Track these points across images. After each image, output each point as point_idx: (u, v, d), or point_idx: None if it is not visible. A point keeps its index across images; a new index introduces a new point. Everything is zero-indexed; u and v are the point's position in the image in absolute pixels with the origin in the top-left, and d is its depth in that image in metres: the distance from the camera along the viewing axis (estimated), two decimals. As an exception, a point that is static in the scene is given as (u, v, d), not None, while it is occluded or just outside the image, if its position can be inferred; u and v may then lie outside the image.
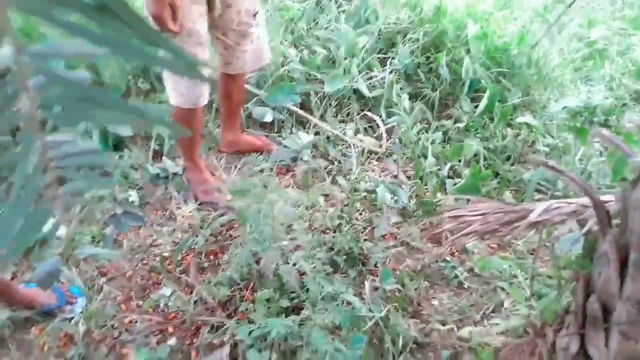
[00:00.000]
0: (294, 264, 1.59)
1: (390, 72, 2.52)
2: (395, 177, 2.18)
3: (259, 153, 2.27)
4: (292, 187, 2.13)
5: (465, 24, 2.63)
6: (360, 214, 1.97)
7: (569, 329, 0.82)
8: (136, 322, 1.61)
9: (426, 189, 2.06)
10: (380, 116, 2.46)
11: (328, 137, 2.36)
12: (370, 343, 1.42)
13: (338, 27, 2.65)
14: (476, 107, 2.45)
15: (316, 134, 2.37)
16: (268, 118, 2.45)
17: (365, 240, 1.81)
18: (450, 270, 1.74)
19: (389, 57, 2.61)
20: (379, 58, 2.63)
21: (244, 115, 2.42)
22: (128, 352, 1.50)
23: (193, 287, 1.71)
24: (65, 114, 0.40)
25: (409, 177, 2.18)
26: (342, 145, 2.35)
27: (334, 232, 1.82)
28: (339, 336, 1.38)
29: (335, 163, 2.24)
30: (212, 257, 1.85)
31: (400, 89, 2.53)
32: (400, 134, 2.35)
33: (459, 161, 2.22)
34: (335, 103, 2.48)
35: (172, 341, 1.53)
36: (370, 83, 2.52)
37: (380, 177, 2.16)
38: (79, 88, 0.38)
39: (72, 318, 1.60)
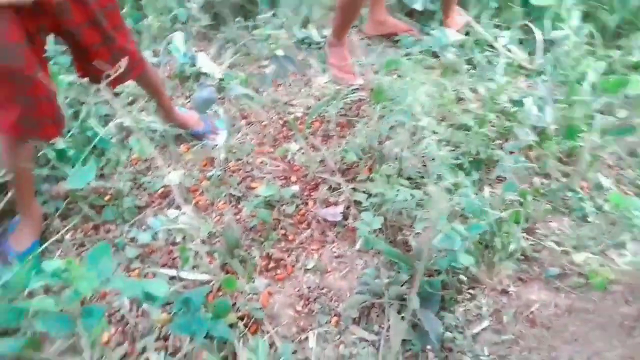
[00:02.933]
0: (421, 149, 1.62)
1: (569, -18, 2.24)
2: (541, 98, 2.04)
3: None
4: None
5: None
6: (493, 125, 1.91)
7: None
8: (266, 164, 1.77)
9: (573, 117, 1.92)
10: (542, 30, 2.24)
11: (477, 40, 2.23)
12: (479, 242, 1.45)
13: None
14: (657, 43, 2.14)
15: (466, 33, 2.24)
16: (418, 6, 2.34)
17: (494, 149, 1.77)
18: (576, 201, 1.67)
19: (572, -35, 2.31)
20: (559, -36, 2.33)
21: (394, -2, 2.35)
22: (257, 186, 1.67)
23: (319, 150, 1.82)
24: None
25: (555, 102, 2.03)
26: (491, 52, 2.21)
27: (466, 131, 1.79)
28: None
29: (478, 69, 2.14)
30: (339, 128, 1.93)
31: (574, 4, 2.26)
32: (559, 54, 2.15)
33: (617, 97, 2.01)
34: (496, 5, 2.29)
35: (294, 188, 1.67)
36: (541, -10, 2.27)
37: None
38: None
39: (214, 146, 1.79)
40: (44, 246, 1.36)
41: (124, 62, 1.12)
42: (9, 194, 1.44)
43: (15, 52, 1.12)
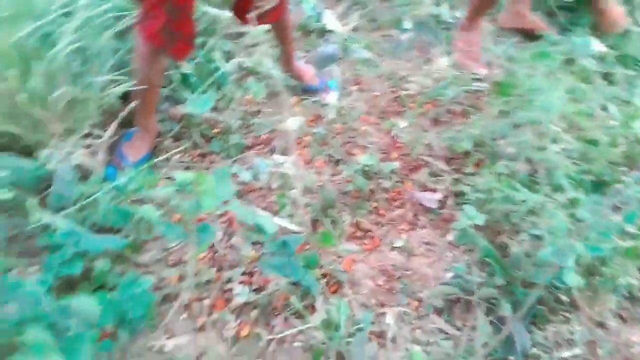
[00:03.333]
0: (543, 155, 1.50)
1: None
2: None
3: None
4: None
5: None
6: (622, 149, 1.74)
7: None
8: (370, 134, 1.74)
9: None
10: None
11: (621, 56, 2.03)
12: (587, 266, 1.33)
13: None
14: None
15: (612, 48, 2.04)
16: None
17: (619, 174, 1.62)
18: (702, 251, 1.49)
19: None
20: None
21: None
22: (357, 153, 1.64)
23: (426, 131, 1.75)
24: None
25: (698, 139, 1.81)
26: (632, 72, 2.01)
27: (592, 146, 1.64)
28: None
29: (616, 86, 1.95)
30: (451, 115, 1.84)
31: None
32: None
33: None
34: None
35: (395, 164, 1.62)
36: None
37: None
38: None
39: (324, 104, 1.78)
40: (154, 160, 1.42)
41: (270, 3, 1.11)
42: (131, 105, 1.50)
43: None
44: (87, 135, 1.46)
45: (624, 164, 1.69)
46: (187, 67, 1.58)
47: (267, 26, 1.63)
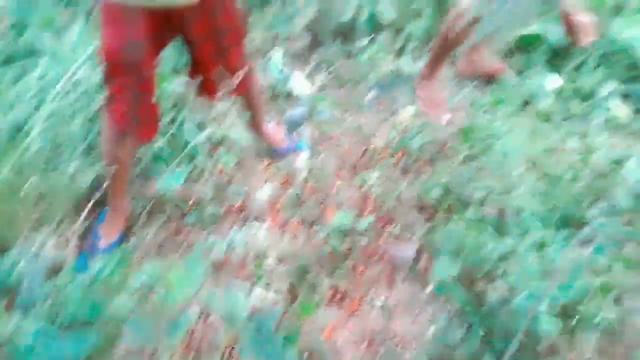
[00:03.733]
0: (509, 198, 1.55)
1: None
2: (641, 159, 1.90)
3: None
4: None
5: None
6: (586, 183, 1.79)
7: None
8: (343, 190, 1.77)
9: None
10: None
11: (576, 89, 2.13)
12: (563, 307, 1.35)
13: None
14: None
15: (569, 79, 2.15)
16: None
17: (585, 208, 1.66)
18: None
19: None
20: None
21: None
22: (332, 211, 1.67)
23: (396, 183, 1.79)
24: None
25: (657, 165, 1.88)
26: (588, 104, 2.10)
27: (555, 184, 1.69)
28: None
29: (574, 120, 2.04)
30: (420, 163, 1.89)
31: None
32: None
33: None
34: (601, 52, 2.18)
35: (369, 219, 1.64)
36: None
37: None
38: None
39: (294, 166, 1.82)
40: (130, 243, 1.41)
41: (235, 80, 1.16)
42: (103, 186, 1.51)
43: (139, 48, 1.21)
44: (60, 223, 1.46)
45: (589, 196, 1.74)
46: (158, 144, 1.62)
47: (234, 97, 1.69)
